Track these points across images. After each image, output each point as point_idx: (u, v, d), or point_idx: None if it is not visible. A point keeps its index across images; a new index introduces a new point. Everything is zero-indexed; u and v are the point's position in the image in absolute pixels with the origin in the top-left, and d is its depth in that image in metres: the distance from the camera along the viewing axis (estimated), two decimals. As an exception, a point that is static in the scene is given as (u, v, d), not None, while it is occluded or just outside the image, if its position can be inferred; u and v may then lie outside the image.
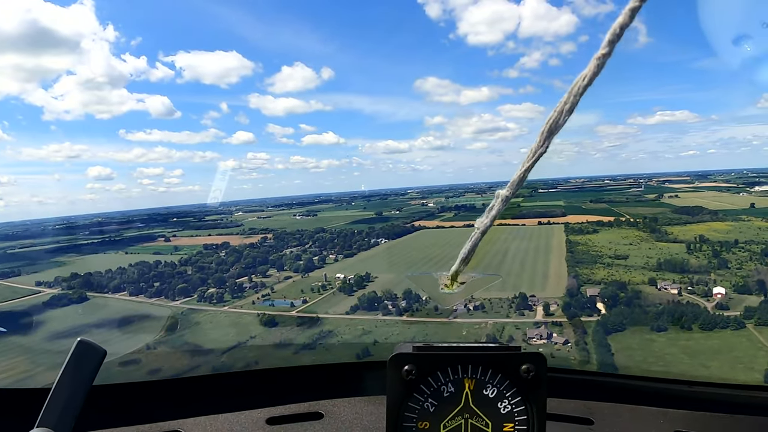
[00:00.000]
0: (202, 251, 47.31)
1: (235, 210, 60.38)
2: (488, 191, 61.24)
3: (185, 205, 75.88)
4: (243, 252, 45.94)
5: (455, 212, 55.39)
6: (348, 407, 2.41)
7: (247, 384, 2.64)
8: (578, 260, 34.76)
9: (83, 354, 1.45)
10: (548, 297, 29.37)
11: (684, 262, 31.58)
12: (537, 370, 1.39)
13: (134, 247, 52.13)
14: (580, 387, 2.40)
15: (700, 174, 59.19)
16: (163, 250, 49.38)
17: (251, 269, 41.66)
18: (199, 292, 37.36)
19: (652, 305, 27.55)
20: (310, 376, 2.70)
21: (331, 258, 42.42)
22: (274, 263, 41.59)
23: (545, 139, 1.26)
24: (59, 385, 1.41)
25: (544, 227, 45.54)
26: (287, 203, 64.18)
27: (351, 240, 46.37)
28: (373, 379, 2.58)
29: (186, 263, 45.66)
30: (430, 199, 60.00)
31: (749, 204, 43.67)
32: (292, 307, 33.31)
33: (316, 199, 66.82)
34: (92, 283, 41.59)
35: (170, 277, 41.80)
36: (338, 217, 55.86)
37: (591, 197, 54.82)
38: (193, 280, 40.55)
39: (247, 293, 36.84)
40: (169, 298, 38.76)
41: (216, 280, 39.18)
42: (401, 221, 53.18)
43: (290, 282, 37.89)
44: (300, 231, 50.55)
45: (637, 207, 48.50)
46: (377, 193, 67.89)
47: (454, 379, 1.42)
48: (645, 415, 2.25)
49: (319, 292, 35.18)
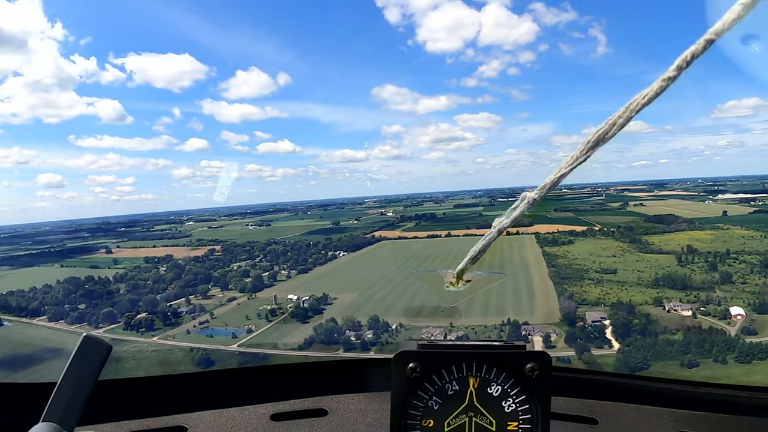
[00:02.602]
0: (140, 266, 41.95)
1: (186, 219, 55.46)
2: (446, 201, 59.87)
3: (137, 214, 67.27)
4: (185, 267, 39.34)
5: (416, 222, 50.82)
6: (352, 404, 2.30)
7: (252, 380, 2.49)
8: (563, 276, 29.23)
9: (89, 349, 1.41)
10: (543, 323, 23.44)
11: (686, 277, 26.38)
12: (542, 369, 1.33)
13: (72, 259, 45.73)
14: (584, 386, 2.30)
15: (655, 183, 56.78)
16: (102, 263, 43.05)
17: (191, 288, 34.52)
18: (126, 318, 29.67)
19: (667, 332, 22.02)
20: (315, 372, 2.58)
21: (284, 274, 35.58)
22: (218, 281, 34.47)
23: (590, 149, 1.21)
24: (65, 379, 1.37)
25: (513, 237, 41.08)
26: (241, 212, 58.39)
27: (306, 253, 39.87)
28: (378, 375, 2.43)
29: (121, 279, 39.30)
30: (389, 208, 55.65)
31: (721, 212, 40.71)
32: (234, 339, 26.12)
33: (271, 208, 61.82)
34: (9, 305, 35.10)
35: (99, 297, 34.97)
36: (293, 227, 51.10)
37: (552, 206, 51.97)
38: (122, 303, 33.14)
39: (183, 319, 29.48)
40: (92, 324, 31.83)
41: (148, 302, 31.67)
42: (360, 232, 48.42)
43: (234, 305, 30.70)
44: (251, 243, 45.05)
45: (604, 216, 45.31)
46: (333, 203, 63.21)
47: (459, 377, 1.36)
48: (649, 414, 2.14)
49: (267, 318, 28.11)
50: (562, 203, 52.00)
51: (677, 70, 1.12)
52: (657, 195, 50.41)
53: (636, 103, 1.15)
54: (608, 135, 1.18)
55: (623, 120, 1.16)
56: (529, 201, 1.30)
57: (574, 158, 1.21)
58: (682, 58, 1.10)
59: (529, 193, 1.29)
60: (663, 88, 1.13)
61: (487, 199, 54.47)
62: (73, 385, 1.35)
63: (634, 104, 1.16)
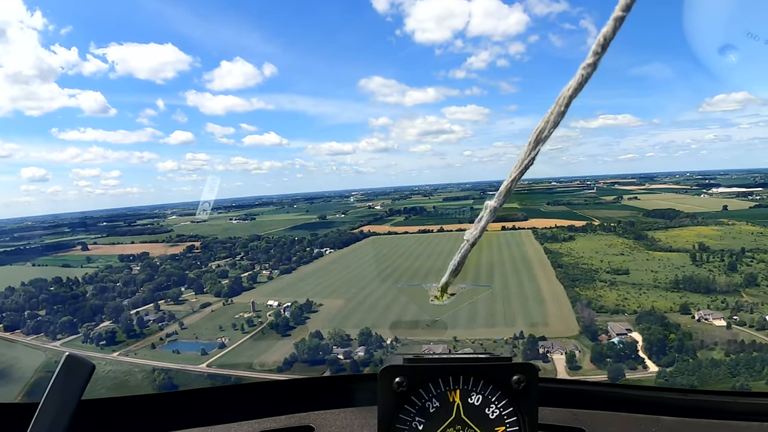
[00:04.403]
0: (112, 265, 37.80)
1: (170, 213, 52.33)
2: (434, 194, 56.96)
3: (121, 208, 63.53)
4: (159, 267, 35.08)
5: (405, 216, 47.61)
6: (339, 419, 2.13)
7: (239, 397, 2.30)
8: (573, 277, 25.64)
9: (71, 369, 1.34)
10: (560, 336, 19.57)
11: (709, 280, 22.90)
12: (528, 380, 1.30)
13: (46, 257, 41.66)
14: (570, 396, 2.16)
15: (645, 176, 54.42)
16: (75, 261, 39.32)
17: (163, 291, 30.39)
18: (86, 328, 25.41)
19: (705, 347, 18.52)
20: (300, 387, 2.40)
21: (265, 275, 31.59)
22: (192, 283, 30.36)
23: (532, 149, 1.18)
24: (47, 400, 1.30)
25: (510, 233, 37.56)
26: (226, 206, 54.78)
27: (290, 250, 35.90)
28: (364, 390, 2.24)
29: (90, 280, 35.26)
30: (376, 201, 52.65)
31: (721, 206, 37.89)
32: (204, 356, 22.05)
33: (256, 201, 58.60)
34: (-33, 310, 30.97)
35: (62, 302, 30.78)
36: (278, 221, 47.81)
37: (545, 199, 49.37)
38: (85, 310, 28.78)
39: (150, 329, 25.17)
40: (49, 336, 27.68)
41: (112, 309, 27.35)
42: (347, 226, 45.01)
43: (208, 311, 26.52)
44: (232, 239, 41.26)
45: (599, 209, 42.11)
46: (320, 196, 60.03)
47: (446, 391, 1.31)
48: (636, 422, 2.02)
49: (243, 330, 23.92)
50: (554, 197, 49.51)
51: (594, 55, 1.06)
52: (649, 188, 47.99)
53: (563, 96, 1.10)
54: (545, 133, 1.13)
55: (555, 116, 1.11)
56: (491, 210, 1.25)
57: (521, 161, 1.17)
58: (596, 42, 1.05)
59: (490, 202, 1.25)
60: (585, 77, 1.07)
61: (476, 192, 51.33)
62: (56, 405, 1.29)
63: (561, 98, 1.10)
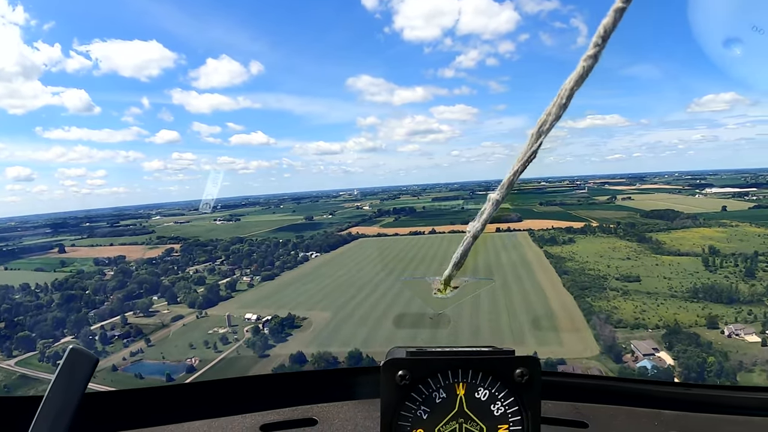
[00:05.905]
0: (84, 270, 34.65)
1: (155, 213, 50.31)
2: (423, 194, 54.66)
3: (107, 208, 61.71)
4: (134, 272, 31.61)
5: (395, 216, 44.97)
6: (341, 412, 2.04)
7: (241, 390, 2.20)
8: (581, 285, 22.87)
9: (75, 362, 1.31)
10: (580, 357, 16.82)
11: (731, 289, 20.32)
12: (531, 373, 1.26)
13: (20, 261, 38.67)
14: (573, 390, 2.09)
15: (634, 176, 52.63)
16: (48, 265, 36.11)
17: (133, 300, 26.97)
18: (42, 345, 22.02)
19: (744, 370, 15.84)
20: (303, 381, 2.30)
21: (245, 282, 28.44)
22: (166, 291, 26.96)
23: (534, 142, 1.15)
24: (51, 393, 1.28)
25: (506, 234, 34.88)
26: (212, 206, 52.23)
27: (273, 254, 32.69)
28: (367, 383, 2.14)
29: (60, 287, 31.44)
30: (365, 201, 50.36)
31: (720, 207, 35.57)
32: (169, 382, 18.63)
33: (243, 201, 56.31)
34: None
35: (25, 313, 27.56)
36: (263, 221, 44.99)
37: (536, 200, 46.91)
38: (46, 323, 25.30)
39: (112, 347, 21.75)
40: (4, 352, 24.17)
41: (74, 323, 23.90)
42: (335, 227, 42.09)
43: (179, 325, 23.13)
44: (214, 241, 38.06)
45: (594, 210, 39.77)
46: (307, 196, 57.91)
47: (448, 384, 1.28)
48: (640, 416, 1.97)
49: (215, 348, 20.66)
50: (545, 197, 47.10)
51: (595, 47, 1.04)
52: (640, 188, 45.99)
53: (565, 89, 1.08)
54: (547, 125, 1.11)
55: (557, 108, 1.09)
56: (493, 202, 1.21)
57: (524, 154, 1.14)
58: (597, 34, 1.02)
59: (493, 194, 1.21)
60: (586, 69, 1.04)
61: (465, 192, 49.65)
62: (60, 398, 1.27)
63: (563, 91, 1.08)
